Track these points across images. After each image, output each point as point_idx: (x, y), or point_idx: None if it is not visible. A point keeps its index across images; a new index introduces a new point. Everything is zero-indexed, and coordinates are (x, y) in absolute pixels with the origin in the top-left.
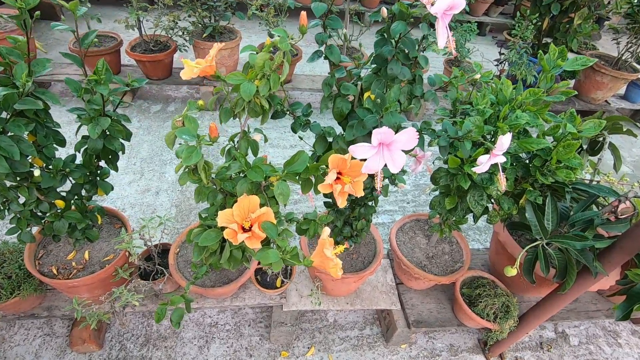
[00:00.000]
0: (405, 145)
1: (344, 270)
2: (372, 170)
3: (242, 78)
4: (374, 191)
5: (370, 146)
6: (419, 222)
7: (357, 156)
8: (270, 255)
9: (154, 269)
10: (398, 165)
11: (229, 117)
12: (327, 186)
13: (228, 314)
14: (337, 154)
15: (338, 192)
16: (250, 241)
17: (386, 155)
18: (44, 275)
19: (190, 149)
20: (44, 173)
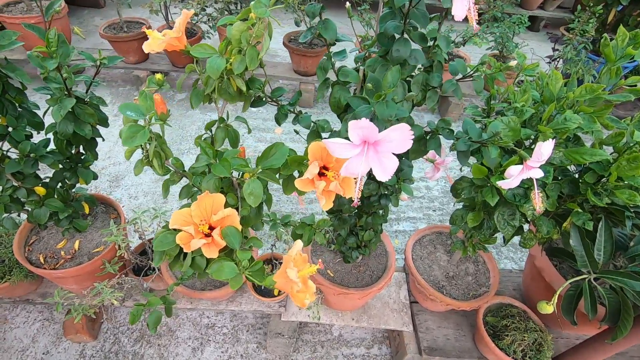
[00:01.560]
0: (398, 146)
1: (349, 284)
2: (351, 173)
3: (211, 51)
4: (383, 198)
5: (348, 144)
6: (441, 235)
7: (335, 154)
8: (225, 269)
9: (147, 264)
10: (387, 171)
11: (200, 101)
12: (306, 182)
13: (227, 317)
14: (320, 142)
15: (320, 190)
16: (207, 249)
17: (371, 157)
18: (31, 263)
19: (134, 127)
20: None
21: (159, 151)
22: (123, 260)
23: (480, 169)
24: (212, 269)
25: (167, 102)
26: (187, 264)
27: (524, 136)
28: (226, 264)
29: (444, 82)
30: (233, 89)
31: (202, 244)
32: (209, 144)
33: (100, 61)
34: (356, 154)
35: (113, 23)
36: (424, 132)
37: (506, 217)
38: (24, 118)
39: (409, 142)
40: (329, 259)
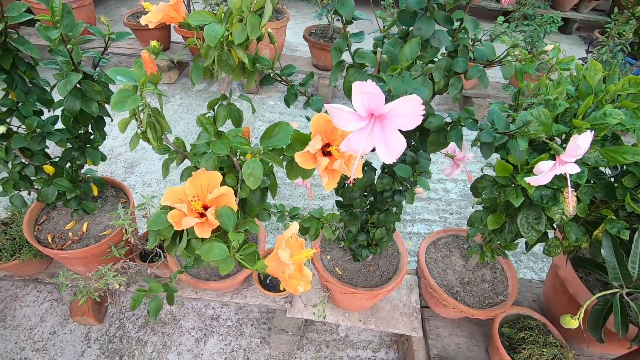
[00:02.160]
0: (407, 121)
1: (357, 283)
2: (352, 150)
3: (209, 18)
4: (397, 194)
5: (353, 114)
6: (458, 238)
7: (337, 123)
8: (214, 250)
9: (154, 251)
10: (393, 152)
11: (200, 75)
12: (307, 157)
13: (232, 309)
14: (324, 115)
15: (323, 167)
16: (200, 229)
17: (377, 134)
18: (39, 242)
19: (125, 92)
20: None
21: (154, 122)
22: (130, 246)
23: (504, 166)
24: (202, 249)
25: (185, 91)
26: (182, 246)
27: (556, 132)
28: (216, 244)
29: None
30: (234, 60)
31: (195, 223)
32: (210, 120)
33: (109, 36)
34: (360, 128)
35: (136, 12)
36: (445, 122)
37: (531, 220)
38: (33, 94)
39: (418, 118)
40: (337, 256)
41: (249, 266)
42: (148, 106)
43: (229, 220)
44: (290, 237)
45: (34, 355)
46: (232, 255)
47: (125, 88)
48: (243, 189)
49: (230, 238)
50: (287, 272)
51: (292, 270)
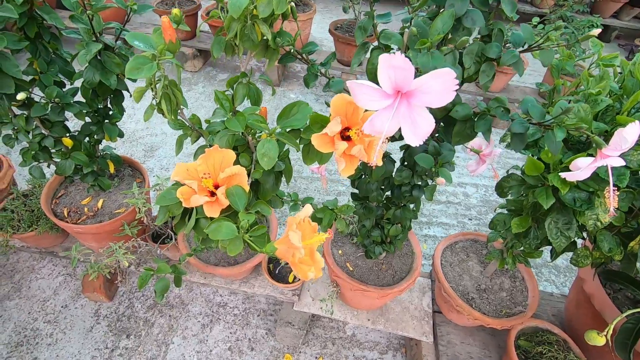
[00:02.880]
0: (437, 99)
1: (368, 281)
2: (375, 130)
3: None
4: (415, 189)
5: (377, 90)
6: (476, 243)
7: (360, 101)
8: (222, 229)
9: (166, 233)
10: (419, 133)
11: (221, 50)
12: (324, 139)
13: (239, 298)
14: (345, 95)
15: (340, 152)
16: (209, 207)
17: (403, 113)
18: (56, 215)
19: (141, 58)
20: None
21: (169, 93)
22: (142, 225)
23: (535, 164)
24: (210, 228)
25: (209, 80)
26: (190, 225)
27: (596, 130)
28: (225, 223)
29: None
30: (257, 35)
31: (204, 201)
32: (227, 97)
33: (131, 7)
34: (385, 107)
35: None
36: (473, 112)
37: (560, 225)
38: (55, 65)
39: (450, 94)
40: (349, 252)
41: (258, 248)
42: (165, 76)
43: (240, 201)
44: (302, 220)
45: (45, 326)
46: (241, 235)
47: (142, 55)
48: (257, 170)
49: (240, 218)
50: (297, 256)
51: (302, 254)
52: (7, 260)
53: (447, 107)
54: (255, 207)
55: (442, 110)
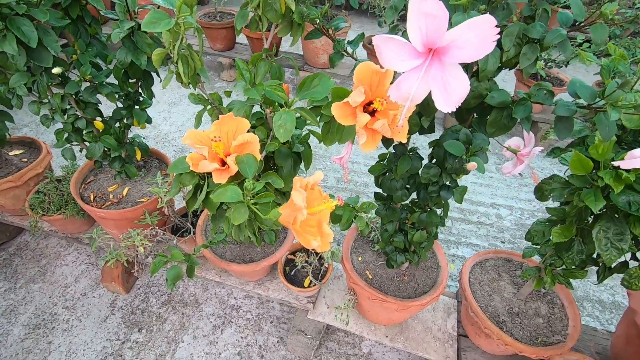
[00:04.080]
0: (473, 53)
1: (387, 291)
2: (402, 94)
3: None
4: (444, 190)
5: (406, 46)
6: (509, 263)
7: (387, 59)
8: (227, 193)
9: (186, 226)
10: (452, 97)
11: (245, 22)
12: (345, 109)
13: (254, 302)
14: (371, 64)
15: (362, 124)
16: (218, 175)
17: (434, 75)
18: (82, 199)
19: (159, 14)
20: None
21: (187, 56)
22: (164, 217)
23: (582, 161)
24: (215, 193)
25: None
26: (200, 199)
27: None
28: (230, 187)
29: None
30: (280, 5)
31: (213, 168)
32: (248, 66)
33: None
34: (413, 67)
35: (208, 12)
36: (511, 99)
37: (611, 235)
38: (94, 47)
39: (489, 46)
40: (369, 260)
41: (262, 215)
42: (183, 38)
43: (250, 168)
44: (311, 185)
45: (63, 312)
46: (245, 201)
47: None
48: (272, 142)
49: (247, 184)
50: (300, 219)
51: (304, 216)
52: (37, 245)
53: (482, 93)
54: (265, 177)
55: (476, 98)
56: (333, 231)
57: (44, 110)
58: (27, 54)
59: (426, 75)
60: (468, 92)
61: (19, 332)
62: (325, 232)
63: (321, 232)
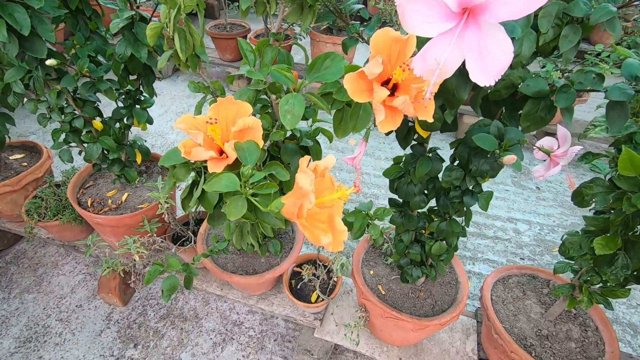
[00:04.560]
0: (520, 8)
1: (402, 308)
2: (428, 66)
3: None
4: (467, 195)
5: (436, 3)
6: (535, 280)
7: (412, 23)
8: (222, 181)
9: (187, 235)
10: (491, 66)
11: (250, 2)
12: (361, 82)
13: (257, 318)
14: (390, 30)
15: (380, 100)
16: (214, 164)
17: (469, 39)
18: (79, 204)
19: None
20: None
21: (185, 30)
22: (164, 225)
23: (632, 159)
24: (208, 182)
25: None
26: (196, 195)
27: None
28: (226, 174)
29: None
30: None
31: (209, 156)
32: (252, 47)
33: None
34: (444, 32)
35: (219, 23)
36: (549, 89)
37: None
38: (93, 41)
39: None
40: (382, 274)
41: (263, 207)
42: (180, 9)
43: (250, 155)
44: (321, 170)
45: (57, 324)
46: (243, 191)
47: None
48: (277, 131)
49: (243, 171)
50: (306, 207)
51: (312, 204)
52: (35, 254)
53: (515, 82)
54: (269, 168)
55: (507, 88)
56: None
57: (42, 109)
58: (20, 44)
59: (459, 41)
60: (511, 59)
61: (8, 345)
62: (338, 229)
63: (333, 229)
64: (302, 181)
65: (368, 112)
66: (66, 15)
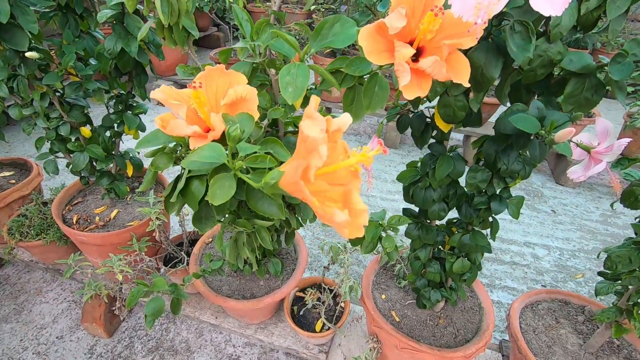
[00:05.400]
0: None
1: (419, 338)
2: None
3: None
4: (494, 201)
5: None
6: (567, 306)
7: None
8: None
9: (180, 256)
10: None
11: None
12: (379, 38)
13: (255, 352)
14: None
15: (403, 58)
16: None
17: None
18: (64, 222)
19: None
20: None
21: None
22: (155, 245)
23: None
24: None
25: None
26: (179, 187)
27: None
28: (209, 145)
29: None
30: None
31: (191, 131)
32: (249, 16)
33: None
34: None
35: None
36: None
37: None
38: (82, 41)
39: None
40: (395, 298)
41: (254, 182)
42: None
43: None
44: (333, 130)
45: (33, 358)
46: (231, 165)
47: None
48: (276, 108)
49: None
50: (315, 165)
51: (322, 160)
52: (19, 279)
53: (554, 59)
54: (265, 145)
55: (544, 66)
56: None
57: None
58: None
59: None
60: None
61: None
62: (355, 207)
63: (350, 207)
64: (308, 130)
65: (384, 88)
66: (55, 12)
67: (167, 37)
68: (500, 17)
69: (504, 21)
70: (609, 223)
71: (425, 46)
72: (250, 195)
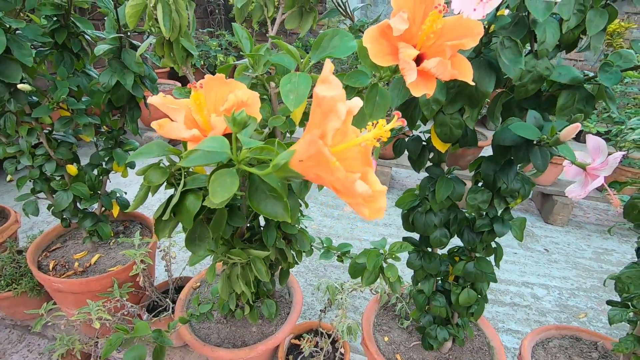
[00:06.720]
0: None
1: None
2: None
3: None
4: (497, 223)
5: None
6: (579, 343)
7: None
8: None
9: (165, 304)
10: None
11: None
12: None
13: None
14: None
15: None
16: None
17: None
18: (40, 269)
19: None
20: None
21: (170, 4)
22: (139, 292)
23: None
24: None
25: None
26: (173, 202)
27: None
28: (214, 137)
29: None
30: None
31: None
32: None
33: None
34: None
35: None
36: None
37: None
38: (76, 78)
39: None
40: (399, 340)
41: (259, 172)
42: None
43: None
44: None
45: None
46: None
47: None
48: (276, 117)
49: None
50: (333, 127)
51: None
52: None
53: (542, 74)
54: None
55: (535, 82)
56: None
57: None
58: None
59: None
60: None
61: None
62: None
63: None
64: (324, 91)
65: (385, 97)
66: (51, 50)
67: (167, 55)
68: (489, 36)
69: (493, 39)
70: (603, 260)
71: (426, 52)
72: (253, 196)
